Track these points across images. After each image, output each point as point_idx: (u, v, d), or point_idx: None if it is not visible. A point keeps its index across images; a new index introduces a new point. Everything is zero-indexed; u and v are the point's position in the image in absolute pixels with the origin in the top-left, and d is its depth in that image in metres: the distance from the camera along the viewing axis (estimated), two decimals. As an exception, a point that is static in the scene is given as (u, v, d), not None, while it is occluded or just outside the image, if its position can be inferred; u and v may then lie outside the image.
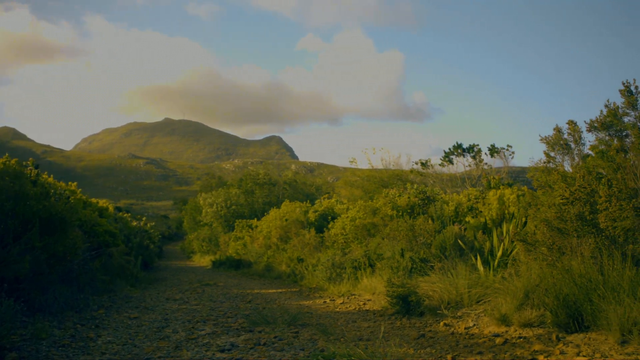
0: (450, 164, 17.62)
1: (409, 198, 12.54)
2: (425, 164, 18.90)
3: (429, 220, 9.53)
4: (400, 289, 6.66)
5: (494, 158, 16.94)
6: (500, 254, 7.39)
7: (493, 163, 17.19)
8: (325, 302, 8.51)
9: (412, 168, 19.85)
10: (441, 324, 5.85)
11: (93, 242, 9.92)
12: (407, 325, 6.05)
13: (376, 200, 13.78)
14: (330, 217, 15.61)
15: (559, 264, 5.39)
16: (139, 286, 11.10)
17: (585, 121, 7.31)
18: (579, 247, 5.50)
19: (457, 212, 10.92)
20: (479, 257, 7.43)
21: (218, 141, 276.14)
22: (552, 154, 8.19)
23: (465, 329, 5.55)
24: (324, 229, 14.24)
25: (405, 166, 22.77)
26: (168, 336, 5.77)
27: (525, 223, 7.72)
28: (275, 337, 5.53)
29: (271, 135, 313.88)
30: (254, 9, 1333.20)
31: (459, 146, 17.24)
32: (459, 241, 8.30)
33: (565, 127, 8.17)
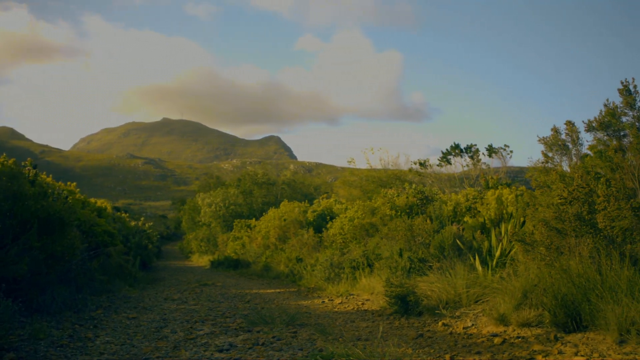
0: (448, 164, 17.66)
1: (408, 198, 12.55)
2: (423, 164, 18.93)
3: (428, 220, 9.53)
4: (399, 289, 6.66)
5: (492, 158, 16.98)
6: (498, 253, 7.39)
7: (491, 163, 17.24)
8: (323, 302, 8.51)
9: (411, 168, 19.89)
10: (439, 323, 5.85)
11: (91, 242, 9.91)
12: (406, 325, 6.05)
13: (375, 200, 13.79)
14: (328, 217, 15.61)
15: (557, 264, 5.40)
16: (138, 286, 11.08)
17: (583, 121, 7.34)
18: (577, 247, 5.51)
19: (456, 212, 10.93)
20: (477, 257, 7.44)
21: (216, 141, 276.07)
22: (550, 154, 8.20)
23: (463, 328, 5.55)
24: (323, 229, 14.24)
25: (403, 166, 22.82)
26: (166, 336, 5.76)
27: (523, 223, 7.74)
28: (273, 337, 5.53)
29: (270, 135, 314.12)
30: (252, 8, 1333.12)
31: (456, 146, 17.28)
32: (457, 241, 8.30)
33: (563, 128, 8.19)
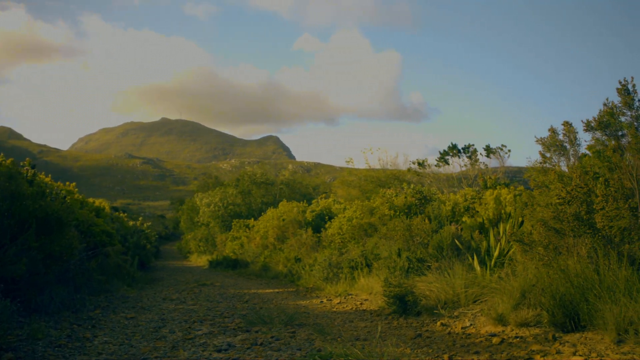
0: (446, 165, 17.68)
1: (406, 198, 12.56)
2: (422, 163, 18.94)
3: (426, 220, 9.54)
4: (397, 289, 6.67)
5: (490, 158, 17.01)
6: (496, 253, 7.40)
7: (489, 163, 17.27)
8: (322, 302, 8.51)
9: (410, 168, 19.92)
10: (438, 323, 5.85)
11: (89, 242, 9.90)
12: (404, 325, 6.05)
13: (373, 200, 13.79)
14: (327, 217, 15.61)
15: (555, 264, 5.40)
16: (136, 286, 11.07)
17: (582, 120, 7.32)
18: (575, 247, 5.52)
19: (454, 212, 10.94)
20: (475, 257, 7.44)
21: (215, 141, 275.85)
22: (548, 154, 8.20)
23: (462, 328, 5.56)
24: (321, 229, 14.24)
25: (402, 166, 22.84)
26: (165, 336, 5.76)
27: (521, 223, 7.74)
28: (272, 337, 5.52)
29: (268, 135, 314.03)
30: (251, 8, 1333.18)
31: (454, 147, 17.30)
32: (455, 241, 8.31)
33: (560, 129, 8.19)
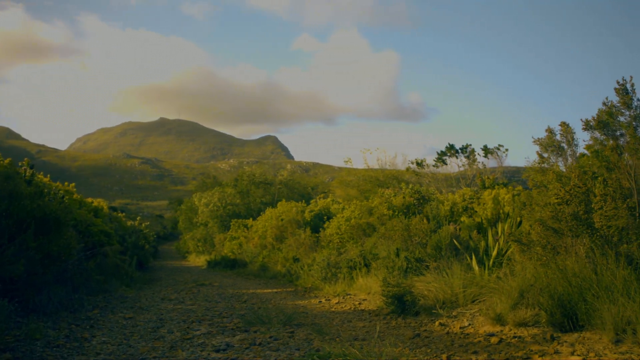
0: (444, 165, 17.69)
1: (404, 198, 12.57)
2: (420, 163, 18.95)
3: (424, 220, 9.54)
4: (396, 289, 6.67)
5: (488, 158, 17.02)
6: (495, 253, 7.41)
7: (487, 163, 17.28)
8: (320, 302, 8.51)
9: (408, 167, 19.93)
10: (436, 323, 5.86)
11: (88, 242, 9.89)
12: (403, 325, 6.05)
13: (372, 200, 13.80)
14: (325, 217, 15.61)
15: (554, 263, 5.41)
16: (134, 286, 11.06)
17: (581, 119, 7.33)
18: (573, 247, 5.53)
19: (453, 212, 10.95)
20: (474, 257, 7.45)
21: (213, 141, 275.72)
22: (546, 155, 8.21)
23: (460, 328, 5.56)
24: (320, 229, 14.24)
25: (401, 166, 22.85)
26: (163, 336, 5.76)
27: (520, 223, 7.75)
28: (270, 337, 5.52)
29: (267, 135, 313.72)
30: (248, 8, 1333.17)
31: (451, 147, 17.32)
32: (454, 241, 8.31)
33: (557, 129, 8.20)
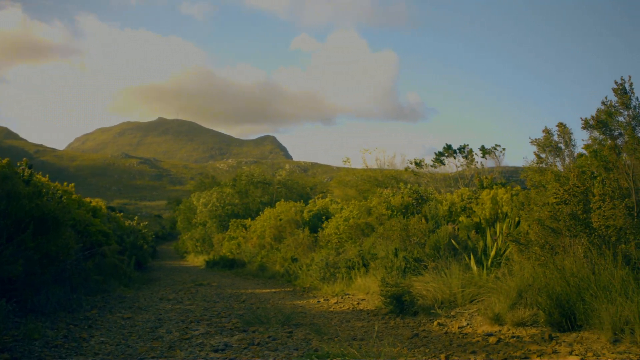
0: (442, 165, 17.72)
1: (403, 198, 12.58)
2: (419, 163, 18.98)
3: (423, 220, 9.55)
4: (394, 289, 6.67)
5: (486, 159, 17.05)
6: (493, 253, 7.41)
7: (485, 163, 17.32)
8: (319, 302, 8.51)
9: (407, 167, 19.96)
10: (435, 323, 5.86)
11: (86, 242, 9.87)
12: (401, 325, 6.06)
13: (370, 199, 13.80)
14: (324, 217, 15.62)
15: (552, 263, 5.42)
16: (133, 286, 11.05)
17: (581, 118, 7.33)
18: (571, 247, 5.53)
19: (451, 212, 10.96)
20: (472, 257, 7.45)
21: (212, 141, 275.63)
22: (543, 155, 8.22)
23: (458, 328, 5.57)
24: (318, 229, 14.24)
25: (399, 166, 22.88)
26: (161, 336, 5.75)
27: (518, 223, 7.76)
28: (269, 337, 5.52)
29: (265, 135, 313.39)
30: (247, 8, 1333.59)
31: (448, 147, 17.36)
32: (452, 241, 8.32)
33: (555, 130, 8.21)
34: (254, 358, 4.70)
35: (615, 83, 6.99)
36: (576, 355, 4.08)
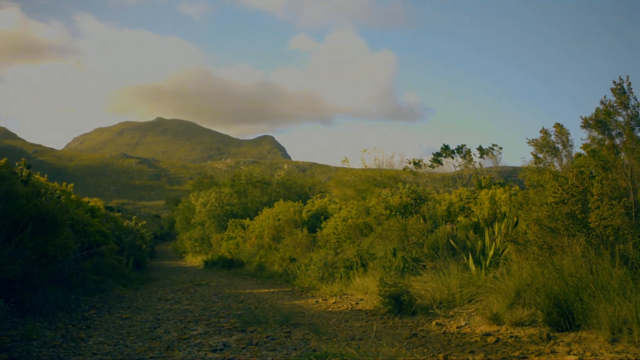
0: (440, 165, 17.75)
1: (401, 198, 12.58)
2: (417, 163, 19.00)
3: (421, 220, 9.55)
4: (393, 289, 6.67)
5: (484, 159, 17.08)
6: (491, 253, 7.42)
7: (484, 163, 17.34)
8: (317, 302, 8.51)
9: (405, 167, 19.97)
10: (433, 323, 5.86)
11: (84, 242, 9.86)
12: (399, 325, 6.06)
13: (369, 199, 13.80)
14: (323, 217, 15.61)
15: (550, 263, 5.42)
16: (131, 286, 11.05)
17: (581, 116, 7.33)
18: (569, 247, 5.54)
19: (450, 212, 10.96)
20: (470, 257, 7.46)
21: (210, 141, 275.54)
22: (541, 155, 8.23)
23: (457, 328, 5.57)
24: (317, 229, 14.24)
25: (398, 166, 22.88)
26: (160, 336, 5.75)
27: (516, 222, 7.76)
28: (267, 337, 5.52)
29: (263, 134, 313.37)
30: (245, 8, 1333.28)
31: (446, 148, 17.38)
32: (451, 241, 8.32)
33: (552, 130, 8.21)
34: (253, 358, 4.70)
35: (614, 83, 6.99)
36: (574, 355, 4.08)
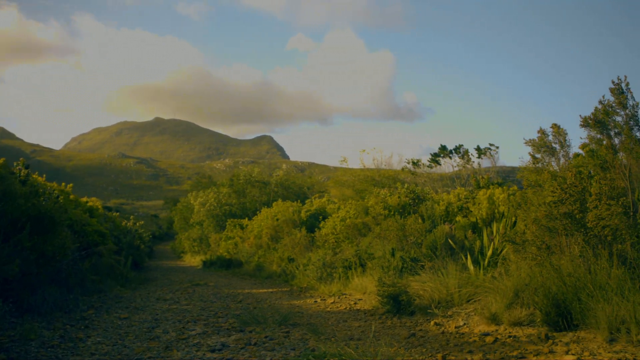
0: (439, 165, 17.78)
1: (400, 197, 12.59)
2: (416, 163, 19.03)
3: (420, 220, 9.56)
4: (391, 289, 6.67)
5: (482, 158, 17.12)
6: (490, 253, 7.42)
7: (482, 163, 17.37)
8: (316, 302, 8.51)
9: (404, 167, 19.99)
10: (432, 323, 5.87)
11: (83, 242, 9.86)
12: (398, 325, 6.06)
13: (367, 199, 13.81)
14: (321, 217, 15.60)
15: (548, 263, 5.43)
16: (129, 286, 11.03)
17: (580, 115, 7.35)
18: (568, 247, 5.54)
19: (448, 212, 10.97)
20: (469, 257, 7.46)
21: (209, 140, 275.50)
22: (538, 155, 8.24)
23: (455, 328, 5.57)
24: (315, 229, 14.24)
25: (396, 166, 22.91)
26: (158, 336, 5.74)
27: (515, 222, 7.77)
28: (266, 337, 5.52)
29: (262, 134, 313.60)
30: (243, 8, 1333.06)
31: (443, 148, 17.41)
32: (449, 240, 8.33)
33: (549, 131, 8.23)
34: (251, 358, 4.70)
35: (613, 83, 7.01)
36: (573, 354, 4.09)
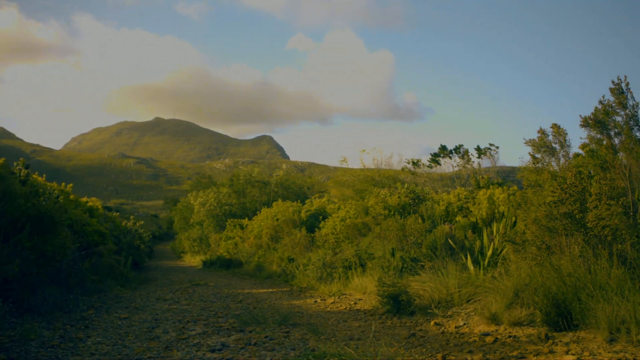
0: (438, 165, 17.79)
1: (400, 197, 12.59)
2: (416, 163, 19.03)
3: (420, 220, 9.55)
4: (391, 289, 6.67)
5: (482, 158, 17.12)
6: (490, 253, 7.42)
7: (482, 163, 17.38)
8: (316, 302, 8.51)
9: (404, 167, 20.00)
10: (432, 323, 5.87)
11: (83, 242, 9.86)
12: (398, 325, 6.06)
13: (367, 199, 13.80)
14: (321, 217, 15.60)
15: (548, 263, 5.43)
16: (129, 286, 11.03)
17: (580, 115, 7.35)
18: (567, 247, 5.54)
19: (448, 212, 10.97)
20: (469, 257, 7.46)
21: (209, 140, 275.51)
22: (538, 155, 8.24)
23: (455, 328, 5.57)
24: (315, 229, 14.24)
25: (396, 166, 22.91)
26: (158, 336, 5.74)
27: (515, 222, 7.77)
28: (266, 337, 5.52)
29: (262, 134, 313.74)
30: (243, 8, 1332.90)
31: (443, 148, 17.42)
32: (449, 240, 8.33)
33: (549, 130, 8.23)
34: (251, 358, 4.70)
35: (613, 83, 7.01)
36: (572, 354, 4.09)
